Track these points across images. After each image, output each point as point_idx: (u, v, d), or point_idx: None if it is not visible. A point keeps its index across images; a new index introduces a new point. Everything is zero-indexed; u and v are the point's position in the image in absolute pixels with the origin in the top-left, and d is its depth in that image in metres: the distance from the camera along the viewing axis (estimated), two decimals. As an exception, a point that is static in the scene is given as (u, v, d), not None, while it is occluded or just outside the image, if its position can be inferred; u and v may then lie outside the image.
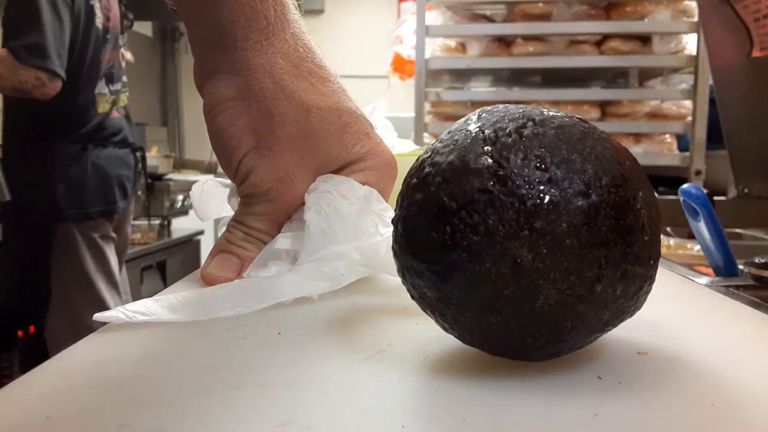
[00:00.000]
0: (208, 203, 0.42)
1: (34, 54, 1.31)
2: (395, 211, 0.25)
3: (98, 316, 0.29)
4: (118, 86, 1.56)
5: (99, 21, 1.45)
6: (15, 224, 1.49)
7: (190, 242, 2.62)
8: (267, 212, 0.37)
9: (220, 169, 0.39)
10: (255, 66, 0.35)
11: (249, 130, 0.35)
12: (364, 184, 0.37)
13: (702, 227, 0.50)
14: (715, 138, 1.37)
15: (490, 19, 1.68)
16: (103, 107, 1.49)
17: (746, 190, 0.83)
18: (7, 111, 1.47)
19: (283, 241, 0.36)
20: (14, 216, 1.48)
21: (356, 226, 0.35)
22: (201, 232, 2.67)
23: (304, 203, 0.36)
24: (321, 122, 0.36)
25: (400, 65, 1.94)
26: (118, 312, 0.29)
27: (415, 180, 0.24)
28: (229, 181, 0.40)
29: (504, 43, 1.63)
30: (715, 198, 0.96)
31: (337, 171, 0.37)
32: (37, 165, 1.43)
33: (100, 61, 1.47)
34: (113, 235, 1.56)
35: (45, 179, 1.43)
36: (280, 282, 0.33)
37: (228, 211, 0.41)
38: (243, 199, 0.37)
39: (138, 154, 1.63)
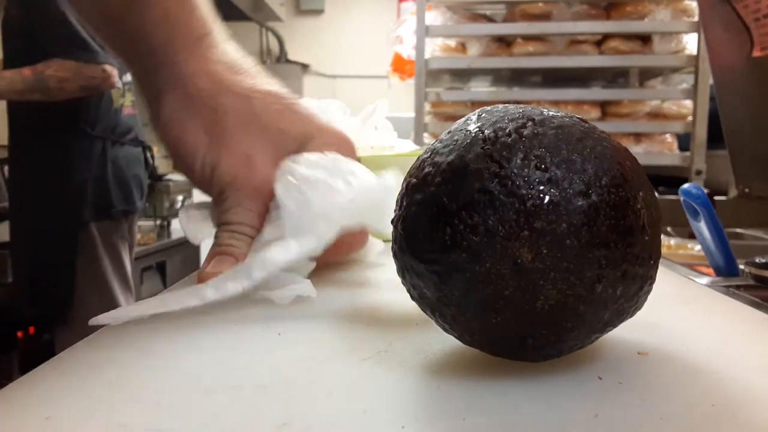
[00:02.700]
0: (197, 226, 0.42)
1: (89, 51, 1.34)
2: (395, 211, 0.25)
3: (93, 321, 0.30)
4: (129, 78, 1.55)
5: None
6: (38, 228, 1.46)
7: (190, 243, 2.61)
8: (240, 202, 0.37)
9: None
10: (190, 72, 0.37)
11: (200, 131, 0.37)
12: None
13: (702, 227, 0.50)
14: (715, 138, 1.37)
15: (490, 19, 1.68)
16: (117, 102, 1.48)
17: (747, 190, 0.83)
18: (14, 113, 1.46)
19: (270, 231, 0.36)
20: (37, 219, 1.46)
21: (327, 186, 0.35)
22: (201, 233, 2.67)
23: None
24: (264, 104, 0.37)
25: (400, 65, 1.94)
26: (110, 315, 0.30)
27: (414, 180, 0.24)
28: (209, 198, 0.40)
29: (504, 43, 1.63)
30: (716, 198, 0.96)
31: (295, 152, 0.38)
32: (57, 165, 1.41)
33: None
34: (128, 236, 1.55)
35: (67, 180, 1.41)
36: (266, 255, 0.33)
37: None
38: (216, 200, 0.38)
39: (148, 152, 1.62)
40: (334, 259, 0.42)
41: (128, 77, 1.53)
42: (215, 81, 0.37)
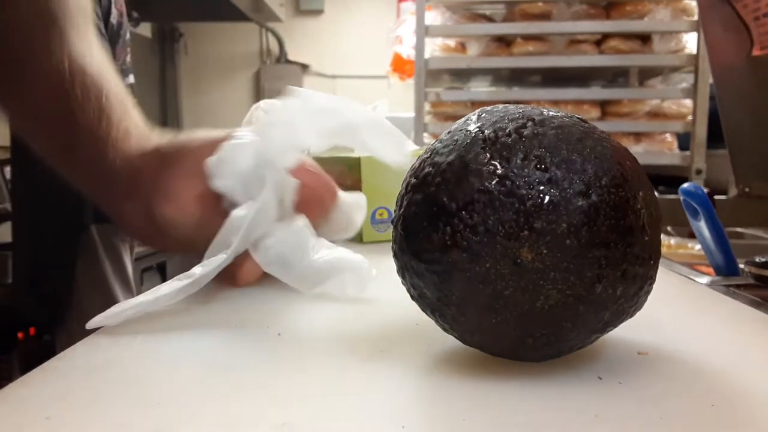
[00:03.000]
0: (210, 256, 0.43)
1: None
2: (394, 211, 0.25)
3: (90, 324, 0.30)
4: (127, 82, 1.55)
5: (113, 17, 1.44)
6: (39, 229, 1.46)
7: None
8: (206, 221, 0.37)
9: None
10: (115, 167, 0.40)
11: (138, 203, 0.38)
12: None
13: (702, 226, 0.50)
14: (715, 137, 1.37)
15: (489, 19, 1.68)
16: None
17: (747, 189, 0.83)
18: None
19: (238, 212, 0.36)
20: (38, 221, 1.45)
21: (249, 145, 0.36)
22: (201, 233, 2.66)
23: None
24: (171, 146, 0.40)
25: (399, 65, 1.94)
26: (106, 315, 0.30)
27: (414, 180, 0.24)
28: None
29: (504, 42, 1.63)
30: (716, 197, 0.95)
31: None
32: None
33: (114, 57, 1.46)
34: (129, 238, 1.55)
35: (68, 182, 1.40)
36: (231, 219, 0.33)
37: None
38: (184, 242, 0.38)
39: None
40: (316, 222, 0.41)
41: (131, 79, 1.53)
42: (127, 156, 0.40)
